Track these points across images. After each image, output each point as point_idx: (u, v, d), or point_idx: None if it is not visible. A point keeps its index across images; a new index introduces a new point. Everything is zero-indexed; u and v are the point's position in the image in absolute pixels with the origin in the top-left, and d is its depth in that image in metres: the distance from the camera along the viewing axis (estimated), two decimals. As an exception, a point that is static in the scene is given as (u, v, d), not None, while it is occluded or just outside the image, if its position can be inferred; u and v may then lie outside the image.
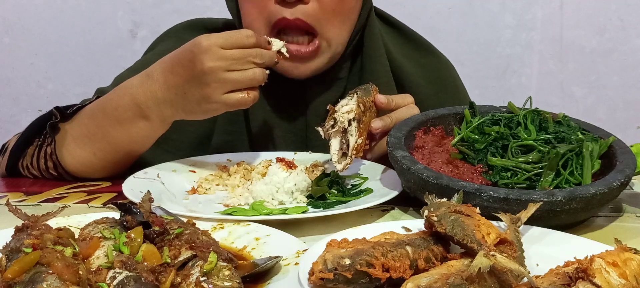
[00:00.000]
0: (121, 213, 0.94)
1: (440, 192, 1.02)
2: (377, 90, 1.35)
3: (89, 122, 1.36)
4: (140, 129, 1.31)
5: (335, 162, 1.23)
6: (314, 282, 0.76)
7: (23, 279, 0.75)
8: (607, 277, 0.73)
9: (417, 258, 0.81)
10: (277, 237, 0.97)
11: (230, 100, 1.23)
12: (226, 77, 1.21)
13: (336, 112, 1.24)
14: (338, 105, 1.25)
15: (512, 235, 0.87)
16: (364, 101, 1.26)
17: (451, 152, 1.21)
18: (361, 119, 1.24)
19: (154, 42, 1.69)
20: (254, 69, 1.23)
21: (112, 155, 1.36)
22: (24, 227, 0.89)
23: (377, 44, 1.55)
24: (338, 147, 1.24)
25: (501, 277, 0.76)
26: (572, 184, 1.11)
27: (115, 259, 0.81)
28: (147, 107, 1.28)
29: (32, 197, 1.28)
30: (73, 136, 1.37)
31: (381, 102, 1.32)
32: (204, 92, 1.22)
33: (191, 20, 1.68)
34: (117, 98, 1.31)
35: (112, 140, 1.33)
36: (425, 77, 1.63)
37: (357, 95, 1.26)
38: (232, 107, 1.25)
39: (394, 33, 1.67)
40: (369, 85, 1.35)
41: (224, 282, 0.79)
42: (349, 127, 1.23)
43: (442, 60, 1.71)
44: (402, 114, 1.33)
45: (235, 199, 1.20)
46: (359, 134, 1.23)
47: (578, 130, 1.22)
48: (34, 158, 1.41)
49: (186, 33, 1.60)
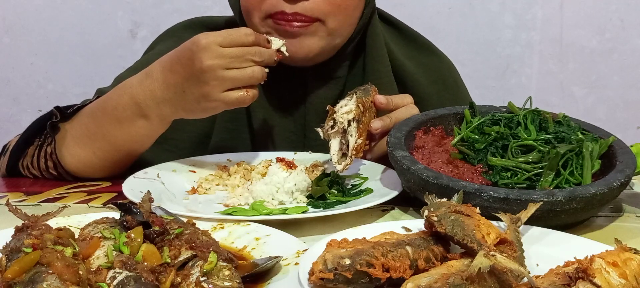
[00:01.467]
0: (121, 213, 0.94)
1: (440, 192, 1.02)
2: (376, 91, 1.35)
3: (89, 122, 1.36)
4: (140, 128, 1.31)
5: (335, 162, 1.23)
6: (314, 282, 0.76)
7: (23, 279, 0.75)
8: (607, 277, 0.73)
9: (417, 258, 0.81)
10: (277, 237, 0.97)
11: (229, 98, 1.23)
12: (225, 75, 1.21)
13: (336, 113, 1.24)
14: (337, 105, 1.25)
15: (512, 235, 0.87)
16: (364, 101, 1.26)
17: (451, 152, 1.21)
18: (361, 120, 1.24)
19: (153, 42, 1.69)
20: (253, 67, 1.23)
21: (112, 155, 1.36)
22: (24, 227, 0.89)
23: (379, 44, 1.55)
24: (338, 148, 1.24)
25: (501, 277, 0.76)
26: (572, 184, 1.11)
27: (115, 259, 0.81)
28: (146, 106, 1.28)
29: (32, 197, 1.28)
30: (73, 136, 1.36)
31: (380, 102, 1.32)
32: (203, 90, 1.22)
33: (191, 19, 1.68)
34: (117, 97, 1.31)
35: (112, 139, 1.33)
36: (427, 77, 1.63)
37: (356, 95, 1.26)
38: (231, 105, 1.25)
39: (396, 33, 1.67)
40: (368, 86, 1.35)
41: (224, 282, 0.79)
42: (348, 128, 1.23)
43: (444, 59, 1.71)
44: (402, 114, 1.33)
45: (235, 199, 1.20)
46: (358, 135, 1.23)
47: (578, 130, 1.22)
48: (34, 158, 1.41)
49: (186, 32, 1.59)
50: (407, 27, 1.70)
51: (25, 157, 1.43)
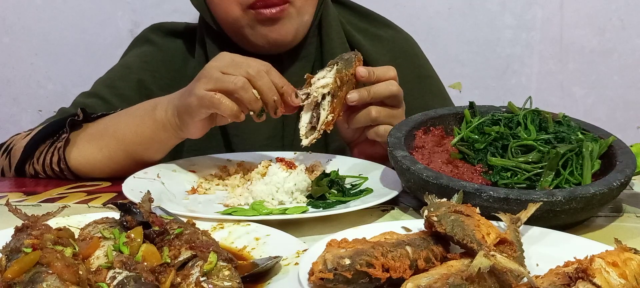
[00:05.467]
0: (121, 213, 0.94)
1: (440, 192, 1.02)
2: (361, 60, 1.33)
3: (107, 121, 1.39)
4: (147, 127, 1.32)
5: (303, 135, 1.23)
6: (314, 282, 0.76)
7: (23, 279, 0.75)
8: (607, 277, 0.73)
9: (417, 258, 0.81)
10: (277, 237, 0.97)
11: (201, 92, 1.19)
12: (213, 74, 1.20)
13: (311, 86, 1.23)
14: (315, 77, 1.24)
15: (512, 235, 0.87)
16: (342, 75, 1.24)
17: (451, 152, 1.21)
18: (336, 94, 1.23)
19: (129, 47, 1.73)
20: (242, 79, 1.19)
21: (116, 154, 1.36)
22: (24, 227, 0.89)
23: (333, 19, 1.62)
24: (308, 121, 1.24)
25: (501, 277, 0.76)
26: (572, 184, 1.11)
27: (115, 259, 0.81)
28: (159, 102, 1.31)
29: (32, 197, 1.28)
30: (86, 133, 1.39)
31: (361, 75, 1.31)
32: (192, 86, 1.23)
33: (155, 24, 1.72)
34: (147, 100, 1.37)
35: (121, 136, 1.35)
36: (382, 47, 1.67)
37: (336, 67, 1.25)
38: (202, 101, 1.20)
39: (348, 12, 1.73)
40: (353, 55, 1.32)
41: (224, 282, 0.79)
42: (322, 102, 1.22)
43: (400, 32, 1.75)
44: (380, 89, 1.32)
45: (235, 199, 1.20)
46: (331, 109, 1.22)
47: (578, 130, 1.22)
48: (41, 154, 1.41)
49: (156, 35, 1.66)
50: (359, 6, 1.76)
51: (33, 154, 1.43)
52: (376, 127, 1.35)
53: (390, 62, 1.59)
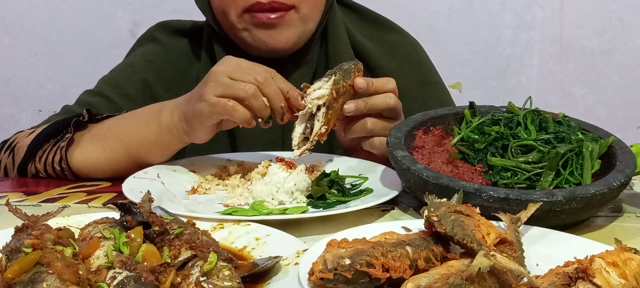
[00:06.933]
0: (121, 213, 0.94)
1: (440, 192, 1.02)
2: (360, 70, 1.31)
3: (112, 122, 1.38)
4: (151, 131, 1.32)
5: (295, 145, 1.23)
6: (314, 282, 0.76)
7: (23, 279, 0.75)
8: (607, 277, 0.73)
9: (417, 258, 0.81)
10: (277, 237, 0.97)
11: (212, 99, 1.20)
12: (222, 80, 1.20)
13: (307, 96, 1.23)
14: (311, 87, 1.24)
15: (512, 235, 0.87)
16: (339, 86, 1.23)
17: (451, 152, 1.21)
18: (331, 106, 1.22)
19: (134, 46, 1.72)
20: (253, 86, 1.19)
21: (119, 156, 1.36)
22: (24, 227, 0.89)
23: (338, 25, 1.60)
24: (301, 132, 1.24)
25: (501, 277, 0.76)
26: (572, 184, 1.11)
27: (115, 259, 0.81)
28: (165, 106, 1.30)
29: (32, 197, 1.28)
30: (90, 134, 1.38)
31: (359, 86, 1.28)
32: (200, 90, 1.23)
33: (161, 21, 1.71)
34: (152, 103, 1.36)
35: (125, 138, 1.34)
36: (388, 53, 1.65)
37: (334, 78, 1.24)
38: (215, 108, 1.20)
39: (355, 15, 1.71)
40: (352, 66, 1.29)
41: (224, 282, 0.79)
42: (317, 113, 1.22)
43: (406, 36, 1.73)
44: (378, 102, 1.30)
45: (235, 199, 1.20)
46: (325, 121, 1.22)
47: (578, 130, 1.22)
48: (44, 153, 1.40)
49: (162, 34, 1.65)
50: (367, 9, 1.73)
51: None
52: (371, 139, 1.34)
53: (396, 68, 1.60)
